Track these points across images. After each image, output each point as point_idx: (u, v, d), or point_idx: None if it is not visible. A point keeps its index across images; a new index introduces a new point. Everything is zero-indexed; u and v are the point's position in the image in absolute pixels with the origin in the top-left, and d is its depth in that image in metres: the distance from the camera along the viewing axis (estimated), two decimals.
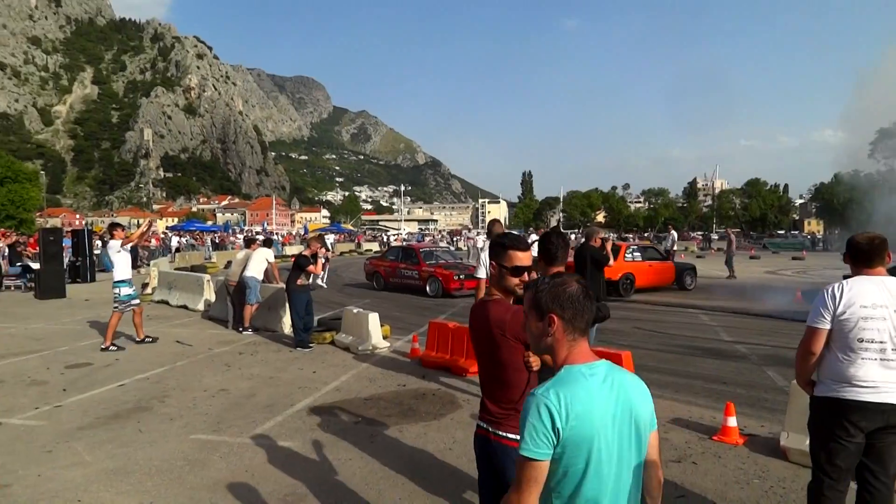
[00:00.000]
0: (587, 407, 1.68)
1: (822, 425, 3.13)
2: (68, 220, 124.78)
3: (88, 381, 7.61)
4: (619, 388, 1.76)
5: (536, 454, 1.66)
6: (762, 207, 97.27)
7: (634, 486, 1.78)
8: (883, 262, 3.13)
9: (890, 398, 2.95)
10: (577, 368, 1.76)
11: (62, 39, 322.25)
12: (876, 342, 2.96)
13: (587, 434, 1.66)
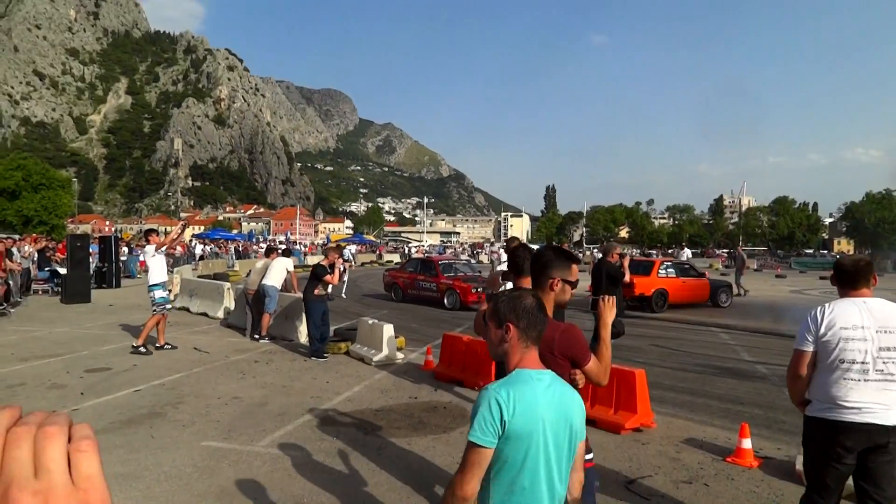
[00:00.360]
0: (531, 406, 1.89)
1: (813, 444, 3.18)
2: (98, 227, 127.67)
3: (106, 385, 7.73)
4: (559, 396, 1.97)
5: (483, 441, 1.85)
6: (790, 226, 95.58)
7: (562, 482, 1.98)
8: (868, 284, 3.18)
9: (873, 419, 2.97)
10: (527, 372, 1.98)
11: (99, 51, 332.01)
12: (857, 363, 3.00)
13: (528, 430, 1.87)
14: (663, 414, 6.56)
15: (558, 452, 1.93)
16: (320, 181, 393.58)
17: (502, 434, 1.86)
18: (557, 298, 2.73)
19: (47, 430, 0.46)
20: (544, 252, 2.79)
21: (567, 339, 2.57)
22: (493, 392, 1.90)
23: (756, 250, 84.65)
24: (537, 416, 1.89)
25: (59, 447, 0.45)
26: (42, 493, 0.42)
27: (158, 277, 9.85)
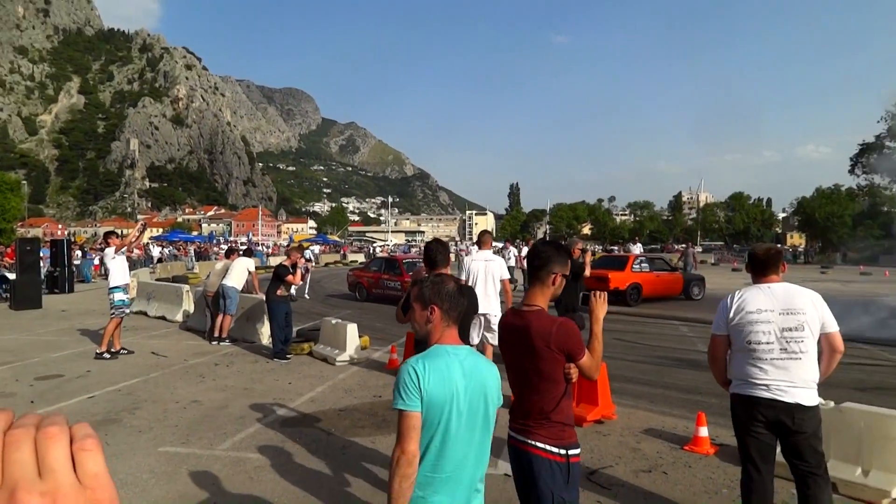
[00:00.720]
0: (445, 376, 2.14)
1: (736, 419, 3.49)
2: (50, 231, 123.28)
3: (58, 392, 7.48)
4: (474, 368, 2.23)
5: (410, 406, 2.09)
6: (745, 221, 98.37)
7: (481, 444, 2.24)
8: (776, 271, 3.46)
9: (779, 395, 3.25)
10: (444, 348, 2.24)
11: (49, 49, 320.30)
12: (763, 343, 3.29)
13: (443, 397, 2.11)
14: (624, 405, 6.68)
15: (473, 417, 2.19)
16: (283, 181, 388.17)
17: (423, 400, 2.10)
18: (555, 292, 2.78)
19: (49, 431, 0.45)
20: (544, 248, 2.81)
21: (563, 332, 2.61)
22: (410, 364, 2.16)
23: (713, 245, 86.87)
24: (451, 384, 2.14)
25: (62, 447, 0.44)
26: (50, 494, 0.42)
27: (119, 280, 9.58)
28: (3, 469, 0.42)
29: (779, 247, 3.83)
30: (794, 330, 3.26)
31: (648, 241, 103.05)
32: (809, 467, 3.30)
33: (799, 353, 3.25)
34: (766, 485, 3.41)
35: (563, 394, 2.64)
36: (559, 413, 2.64)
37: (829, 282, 25.34)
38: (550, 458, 2.60)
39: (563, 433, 2.64)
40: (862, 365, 8.91)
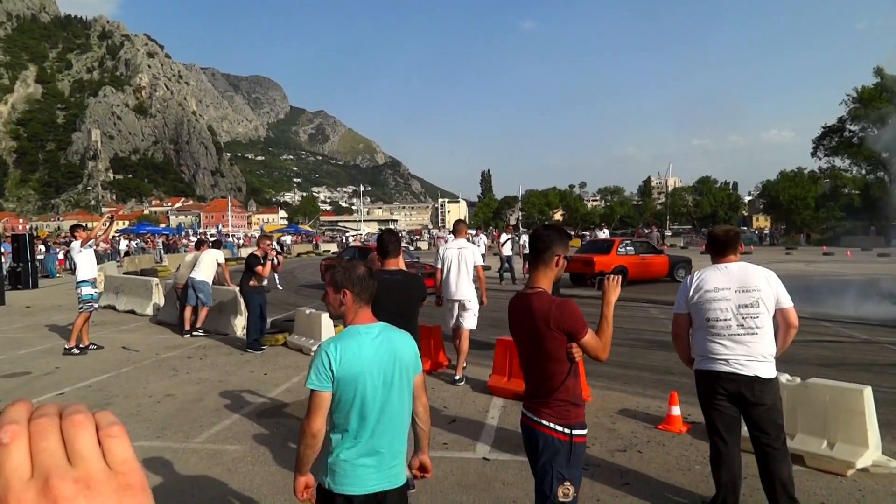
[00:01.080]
0: (356, 354, 2.37)
1: (700, 394, 3.68)
2: (11, 225, 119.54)
3: (25, 390, 7.30)
4: (387, 342, 2.46)
5: (319, 387, 2.34)
6: (713, 204, 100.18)
7: (401, 409, 2.46)
8: (735, 251, 3.61)
9: (738, 369, 3.42)
10: (356, 328, 2.46)
11: (2, 37, 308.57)
12: (721, 320, 3.45)
13: (354, 374, 2.35)
14: (598, 387, 6.79)
15: (388, 386, 2.41)
16: (252, 171, 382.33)
17: (334, 380, 2.34)
18: (557, 273, 2.87)
19: (75, 419, 0.45)
20: (547, 232, 2.88)
21: (562, 312, 2.67)
22: (324, 346, 2.39)
23: (682, 229, 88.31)
24: (363, 361, 2.37)
25: (90, 434, 0.45)
26: (83, 480, 0.42)
27: (87, 274, 9.37)
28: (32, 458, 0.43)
29: (736, 228, 4.01)
30: (749, 307, 3.42)
31: (619, 226, 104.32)
32: (769, 439, 3.45)
33: (755, 328, 3.41)
34: (733, 456, 3.57)
35: (568, 373, 2.70)
36: (564, 392, 2.70)
37: (794, 262, 26.03)
38: (554, 436, 2.69)
39: (569, 412, 2.71)
40: (826, 342, 9.21)
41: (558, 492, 2.65)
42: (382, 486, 2.42)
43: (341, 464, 2.39)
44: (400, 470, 2.51)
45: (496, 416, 5.96)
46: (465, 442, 5.28)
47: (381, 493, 2.42)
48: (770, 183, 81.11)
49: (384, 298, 4.36)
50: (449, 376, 7.48)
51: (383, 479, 2.43)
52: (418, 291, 4.60)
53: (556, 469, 2.66)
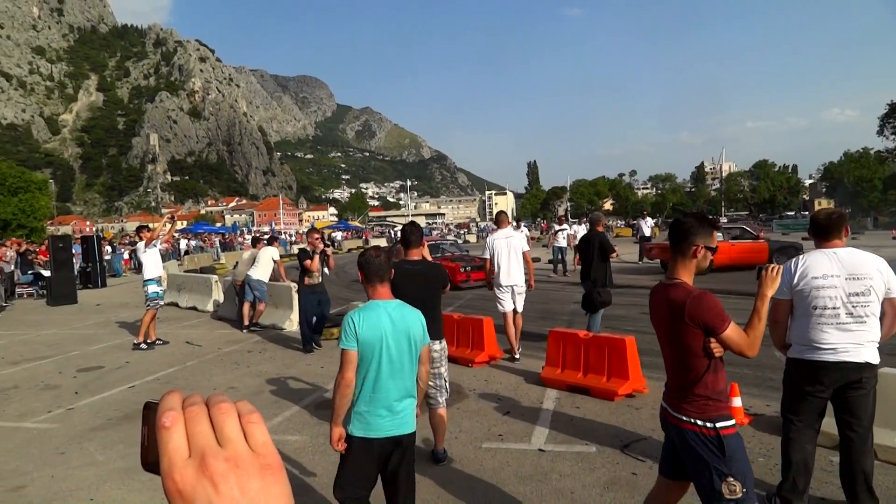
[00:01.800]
0: (375, 323, 2.96)
1: (793, 382, 3.55)
2: (79, 227, 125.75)
3: (100, 383, 7.71)
4: (400, 316, 3.04)
5: (347, 346, 2.96)
6: (771, 189, 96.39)
7: (410, 374, 3.06)
8: (840, 235, 3.43)
9: (847, 357, 3.27)
10: (376, 302, 3.08)
11: (66, 48, 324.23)
12: (829, 308, 3.30)
13: (374, 338, 2.94)
14: (655, 379, 6.66)
15: (400, 353, 3.00)
16: (301, 169, 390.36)
17: (357, 342, 2.93)
18: (699, 265, 2.73)
19: (222, 407, 0.52)
20: (686, 219, 2.75)
21: (698, 305, 2.57)
22: (350, 314, 3.01)
23: (739, 215, 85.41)
24: (380, 329, 2.95)
25: (234, 420, 0.51)
26: (232, 459, 0.49)
27: (152, 272, 9.75)
28: (189, 440, 0.50)
29: (842, 210, 3.79)
30: (860, 295, 3.28)
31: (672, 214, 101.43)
32: (859, 426, 3.35)
33: (865, 316, 3.28)
34: (809, 437, 3.49)
35: (707, 368, 2.60)
36: (703, 387, 2.60)
37: (861, 248, 24.80)
38: (697, 431, 2.58)
39: (708, 406, 2.60)
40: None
41: (723, 489, 2.50)
42: (395, 432, 3.00)
43: (362, 414, 2.98)
44: (410, 419, 3.07)
45: (551, 407, 5.95)
46: (521, 433, 5.29)
47: (395, 438, 3.00)
48: (833, 165, 77.51)
49: (406, 286, 4.52)
50: (503, 367, 7.51)
51: (395, 426, 3.00)
52: (439, 280, 4.73)
53: (713, 465, 2.52)
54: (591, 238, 8.38)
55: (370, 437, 2.96)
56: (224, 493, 0.47)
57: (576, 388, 6.35)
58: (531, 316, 11.47)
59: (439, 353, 4.63)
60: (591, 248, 8.17)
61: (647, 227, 23.53)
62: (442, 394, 4.67)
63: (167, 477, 0.48)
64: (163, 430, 0.50)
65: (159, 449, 0.50)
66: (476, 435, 5.31)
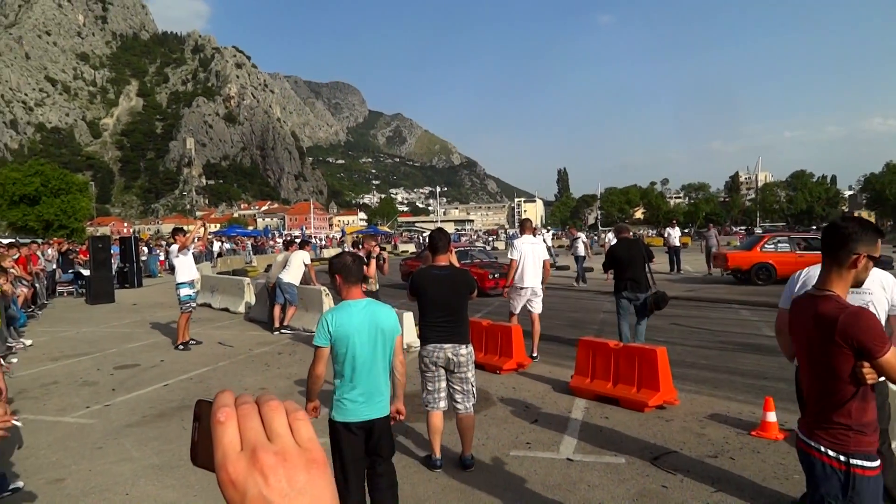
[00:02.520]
0: (346, 320, 3.37)
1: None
2: (116, 229, 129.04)
3: (136, 381, 7.90)
4: (370, 312, 3.43)
5: (319, 342, 3.40)
6: (808, 200, 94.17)
7: (382, 365, 3.45)
8: None
9: None
10: (348, 303, 3.47)
11: (108, 55, 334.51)
12: None
13: (345, 334, 3.35)
14: (686, 391, 6.57)
15: (372, 347, 3.39)
16: (332, 174, 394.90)
17: (331, 339, 3.37)
18: (858, 276, 2.38)
19: (271, 405, 0.55)
20: (846, 224, 2.39)
21: (854, 322, 2.21)
22: (324, 315, 3.45)
23: (776, 226, 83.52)
24: (351, 326, 3.35)
25: (283, 417, 0.54)
26: (281, 453, 0.52)
27: (183, 276, 9.94)
28: (241, 434, 0.53)
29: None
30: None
31: (704, 224, 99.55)
32: None
33: None
34: None
35: (853, 395, 2.24)
36: (845, 415, 2.27)
37: None
38: (827, 463, 2.30)
39: (847, 438, 2.27)
40: None
41: None
42: (370, 415, 3.43)
43: (341, 401, 3.41)
44: (384, 405, 3.49)
45: (579, 417, 5.90)
46: (549, 442, 5.26)
47: (370, 421, 3.43)
48: (874, 176, 75.30)
49: (433, 291, 4.56)
50: (532, 375, 7.49)
51: (371, 411, 3.42)
52: (465, 286, 4.74)
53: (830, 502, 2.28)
54: (640, 245, 8.70)
55: (348, 421, 3.40)
56: (273, 485, 0.50)
57: (605, 399, 6.29)
58: (559, 324, 11.40)
59: (466, 358, 4.63)
60: (640, 254, 8.36)
61: (675, 237, 23.00)
62: (469, 399, 4.67)
63: (221, 468, 0.51)
64: (217, 425, 0.53)
65: (213, 442, 0.53)
66: (503, 442, 5.29)
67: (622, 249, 8.49)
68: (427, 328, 4.67)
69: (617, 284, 8.45)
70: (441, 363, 4.60)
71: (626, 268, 8.32)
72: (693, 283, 18.26)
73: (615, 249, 8.62)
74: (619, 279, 8.42)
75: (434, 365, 4.61)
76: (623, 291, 8.27)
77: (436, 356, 4.58)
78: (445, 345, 4.57)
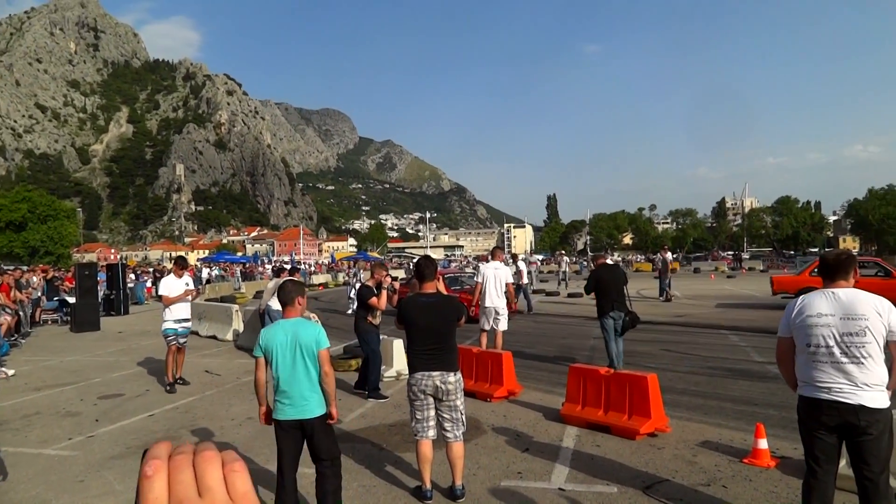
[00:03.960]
0: (272, 336, 4.09)
1: (800, 420, 3.54)
2: (104, 255, 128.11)
3: (120, 411, 7.76)
4: (292, 329, 4.09)
5: (256, 354, 4.16)
6: (794, 225, 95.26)
7: (305, 374, 4.04)
8: (846, 277, 3.46)
9: (841, 397, 3.27)
10: (279, 322, 4.24)
11: (99, 82, 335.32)
12: (823, 346, 3.33)
13: (271, 348, 4.06)
14: (677, 418, 6.54)
15: (293, 359, 4.03)
16: (322, 200, 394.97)
17: (263, 351, 4.11)
18: None
19: (206, 455, 0.53)
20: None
21: None
22: (261, 331, 4.23)
23: (762, 251, 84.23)
24: (275, 341, 4.06)
25: (217, 469, 0.53)
26: None
27: (168, 312, 9.01)
28: (170, 489, 0.51)
29: (851, 252, 3.84)
30: (855, 335, 3.28)
31: (693, 250, 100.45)
32: (870, 472, 3.29)
33: (861, 357, 3.26)
34: (827, 484, 3.43)
35: None
36: None
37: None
38: None
39: None
40: None
41: None
42: (296, 416, 4.04)
43: (276, 402, 4.11)
44: (310, 408, 4.04)
45: (571, 445, 5.85)
46: (540, 471, 5.20)
47: (296, 421, 4.05)
48: (858, 202, 76.44)
49: (420, 318, 4.57)
50: (523, 403, 7.44)
51: (296, 412, 4.04)
52: (453, 312, 4.73)
53: None
54: (619, 270, 9.53)
55: (280, 419, 4.08)
56: None
57: (596, 426, 6.24)
58: (550, 350, 11.37)
59: (454, 386, 4.59)
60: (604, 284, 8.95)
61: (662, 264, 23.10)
62: (459, 427, 4.62)
63: None
64: (144, 480, 0.51)
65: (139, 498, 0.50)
66: (494, 472, 5.23)
67: (606, 273, 9.08)
68: (415, 356, 4.64)
69: (603, 307, 8.85)
70: (429, 391, 4.55)
71: (611, 290, 8.86)
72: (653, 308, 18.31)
73: (599, 273, 9.12)
74: (604, 301, 8.85)
75: (423, 393, 4.56)
76: (610, 312, 8.75)
77: (424, 384, 4.54)
78: (434, 373, 4.53)
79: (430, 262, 4.92)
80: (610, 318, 8.74)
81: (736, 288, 26.31)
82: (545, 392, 7.96)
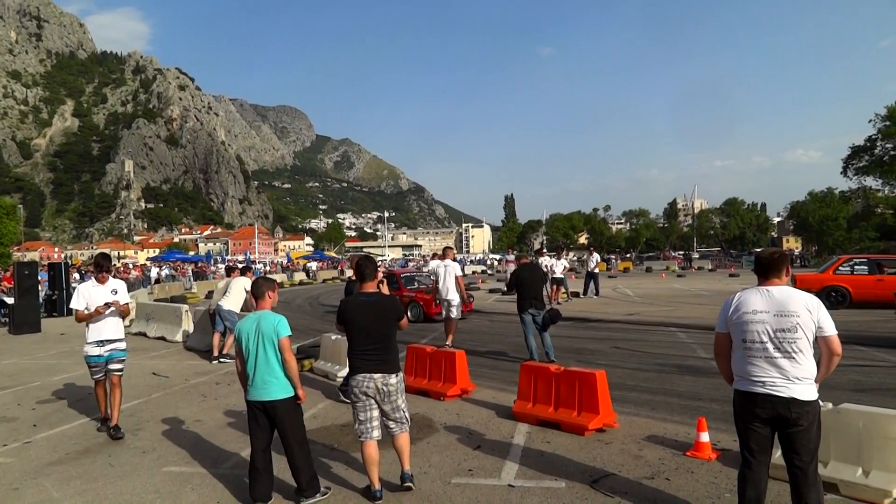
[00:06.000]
0: (245, 327, 4.57)
1: (736, 413, 3.70)
2: (47, 254, 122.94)
3: (60, 416, 7.47)
4: (259, 321, 4.53)
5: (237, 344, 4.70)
6: (741, 226, 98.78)
7: (265, 357, 4.47)
8: (779, 275, 3.61)
9: (774, 391, 3.44)
10: (252, 313, 4.70)
11: (42, 73, 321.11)
12: (757, 342, 3.51)
13: (244, 337, 4.54)
14: (625, 413, 6.70)
15: (259, 346, 4.48)
16: (278, 199, 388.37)
17: (236, 339, 4.66)
18: None
19: None
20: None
21: None
22: (238, 323, 4.73)
23: (711, 251, 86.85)
24: (247, 331, 4.53)
25: None
26: None
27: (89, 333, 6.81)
28: None
29: (783, 251, 3.98)
30: (787, 331, 3.44)
31: (645, 249, 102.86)
32: (801, 462, 3.45)
33: (793, 352, 3.43)
34: (760, 474, 3.58)
35: None
36: None
37: None
38: None
39: None
40: (859, 366, 8.97)
41: None
42: (262, 398, 4.47)
43: (248, 385, 4.55)
44: (270, 390, 4.44)
45: (521, 442, 5.92)
46: (491, 468, 5.25)
47: (262, 402, 4.48)
48: (799, 204, 79.62)
49: (359, 318, 4.58)
50: (476, 401, 7.49)
51: (262, 394, 4.46)
52: (393, 312, 4.73)
53: None
54: (538, 268, 10.72)
55: (249, 400, 4.56)
56: None
57: (547, 423, 6.34)
58: (504, 349, 11.48)
59: (395, 387, 4.58)
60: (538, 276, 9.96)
61: (592, 262, 23.77)
62: (402, 424, 4.66)
63: None
64: None
65: None
66: (445, 470, 5.25)
67: (526, 272, 9.76)
68: (355, 357, 4.63)
69: (522, 304, 9.57)
70: (371, 393, 4.53)
71: (530, 288, 9.52)
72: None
73: (520, 272, 9.82)
74: (523, 299, 9.56)
75: (364, 395, 4.54)
76: (529, 309, 9.45)
77: (366, 386, 4.52)
78: (375, 374, 4.52)
79: (370, 262, 4.91)
80: (529, 314, 9.48)
81: (685, 286, 27.11)
82: (498, 390, 8.04)
